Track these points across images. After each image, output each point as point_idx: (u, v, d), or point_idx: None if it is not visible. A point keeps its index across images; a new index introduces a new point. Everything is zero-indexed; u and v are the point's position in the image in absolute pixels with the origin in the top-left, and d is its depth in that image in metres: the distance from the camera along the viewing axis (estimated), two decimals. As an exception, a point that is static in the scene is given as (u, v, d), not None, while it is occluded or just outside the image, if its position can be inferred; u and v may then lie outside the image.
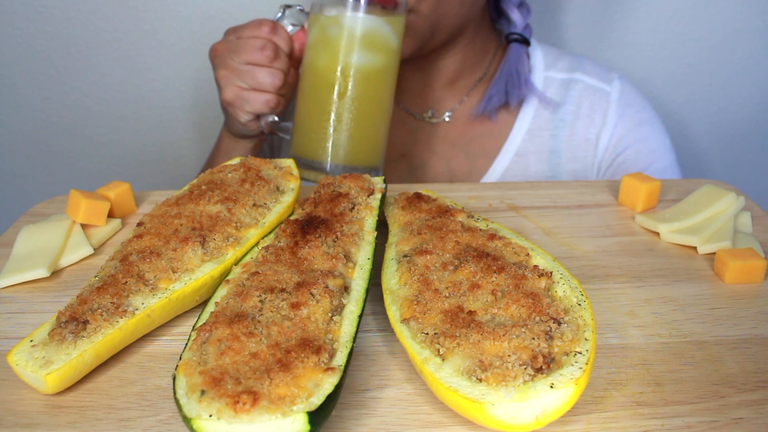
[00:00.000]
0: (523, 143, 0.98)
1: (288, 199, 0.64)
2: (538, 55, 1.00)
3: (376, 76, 0.78)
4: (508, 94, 0.95)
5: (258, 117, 0.85)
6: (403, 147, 1.01)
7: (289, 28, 0.84)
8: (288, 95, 0.86)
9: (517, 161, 0.98)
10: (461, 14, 0.90)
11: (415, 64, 0.97)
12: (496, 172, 0.98)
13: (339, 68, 0.76)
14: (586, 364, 0.41)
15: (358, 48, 0.76)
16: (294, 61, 0.85)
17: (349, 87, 0.76)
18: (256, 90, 0.82)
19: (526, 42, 0.98)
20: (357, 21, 0.75)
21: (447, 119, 1.00)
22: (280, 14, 0.84)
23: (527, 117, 0.98)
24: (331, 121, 0.77)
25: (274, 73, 0.81)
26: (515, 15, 0.98)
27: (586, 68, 1.00)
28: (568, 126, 0.98)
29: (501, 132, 0.99)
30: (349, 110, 0.77)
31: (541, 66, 1.00)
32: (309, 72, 0.79)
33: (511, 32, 0.99)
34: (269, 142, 1.08)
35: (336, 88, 0.76)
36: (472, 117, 0.99)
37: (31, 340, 0.47)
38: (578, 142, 0.98)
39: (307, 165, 0.78)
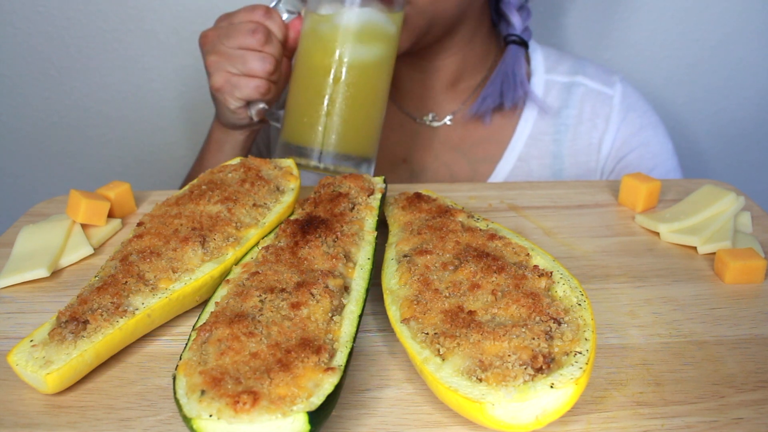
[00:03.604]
0: (526, 148, 0.97)
1: (288, 199, 0.64)
2: (538, 58, 1.00)
3: (371, 68, 0.77)
4: (503, 96, 0.94)
5: (248, 104, 0.83)
6: (403, 152, 1.01)
7: (285, 16, 0.82)
8: (280, 84, 0.84)
9: (520, 166, 0.97)
10: (458, 9, 0.89)
11: (414, 64, 0.97)
12: (498, 177, 0.97)
13: (335, 59, 0.75)
14: (586, 364, 0.41)
15: (355, 41, 0.75)
16: (288, 51, 0.82)
17: (345, 75, 0.75)
18: (246, 75, 0.79)
19: (523, 44, 0.98)
20: (353, 14, 0.75)
21: (448, 122, 1.00)
22: (275, 1, 0.83)
23: (529, 121, 0.98)
24: (325, 105, 0.76)
25: (266, 57, 0.78)
26: (515, 18, 0.97)
27: (587, 71, 1.00)
28: (570, 130, 0.98)
29: (503, 136, 0.99)
30: (343, 97, 0.76)
31: (542, 69, 0.99)
32: (304, 60, 0.78)
33: (509, 34, 0.98)
34: (265, 142, 1.07)
35: (331, 74, 0.75)
36: (467, 118, 0.99)
37: (31, 340, 0.47)
38: (581, 147, 0.98)
39: (298, 151, 0.77)
